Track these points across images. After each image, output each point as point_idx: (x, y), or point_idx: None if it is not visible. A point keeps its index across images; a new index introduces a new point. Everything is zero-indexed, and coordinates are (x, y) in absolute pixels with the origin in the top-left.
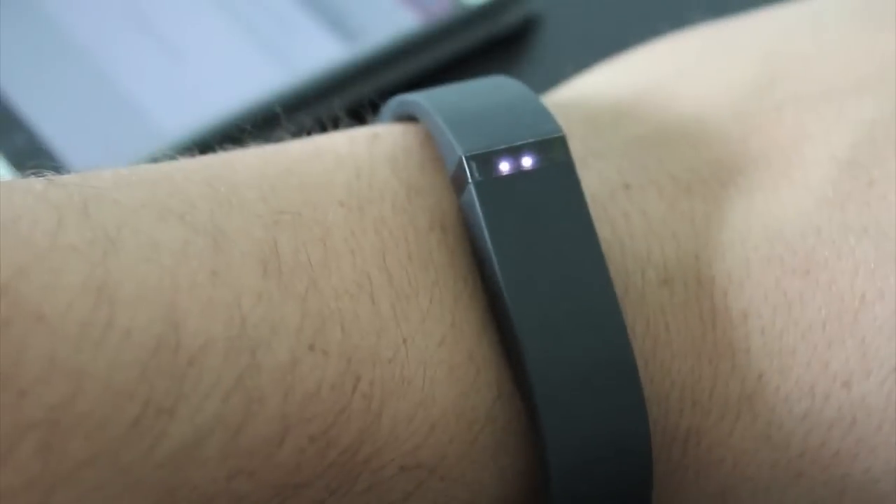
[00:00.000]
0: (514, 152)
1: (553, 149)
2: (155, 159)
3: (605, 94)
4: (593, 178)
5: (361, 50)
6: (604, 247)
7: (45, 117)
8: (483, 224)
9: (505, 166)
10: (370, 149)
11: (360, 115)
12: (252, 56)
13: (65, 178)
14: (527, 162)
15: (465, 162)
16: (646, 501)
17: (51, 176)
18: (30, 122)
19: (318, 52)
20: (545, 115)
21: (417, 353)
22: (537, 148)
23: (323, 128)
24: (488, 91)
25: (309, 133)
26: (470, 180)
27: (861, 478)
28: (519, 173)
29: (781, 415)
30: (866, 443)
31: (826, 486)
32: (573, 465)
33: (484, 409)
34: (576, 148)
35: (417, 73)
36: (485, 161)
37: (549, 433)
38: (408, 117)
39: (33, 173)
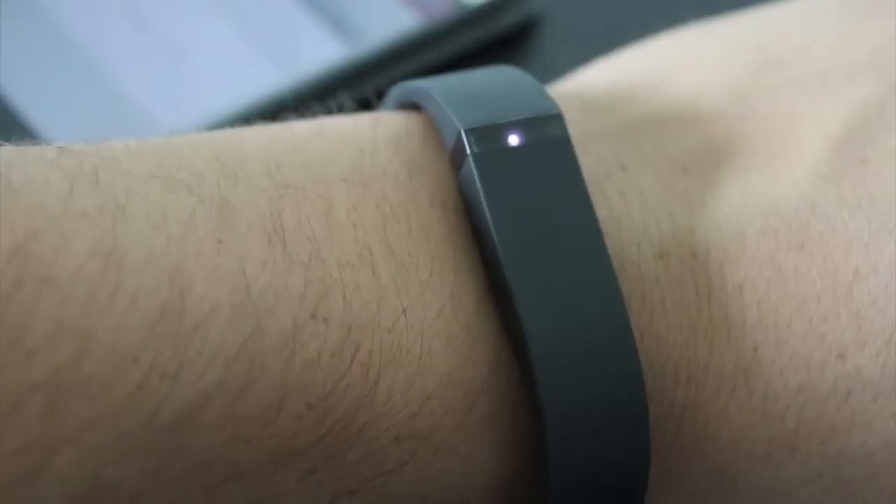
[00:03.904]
0: (512, 127)
1: (550, 125)
2: None
3: (603, 83)
4: (590, 160)
5: (361, 50)
6: (601, 224)
7: (44, 117)
8: (481, 196)
9: (503, 140)
10: (374, 130)
11: (366, 106)
12: (252, 56)
13: (76, 147)
14: (524, 137)
15: (463, 135)
16: (643, 476)
17: (61, 145)
18: (29, 122)
19: (318, 52)
20: (542, 94)
21: (416, 323)
22: (535, 124)
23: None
24: (488, 74)
25: None
26: (469, 153)
27: (857, 451)
28: (517, 147)
29: (777, 388)
30: (861, 415)
31: (822, 461)
32: (570, 437)
33: (480, 381)
34: (573, 132)
35: (417, 73)
36: (483, 134)
37: (547, 403)
38: (410, 106)
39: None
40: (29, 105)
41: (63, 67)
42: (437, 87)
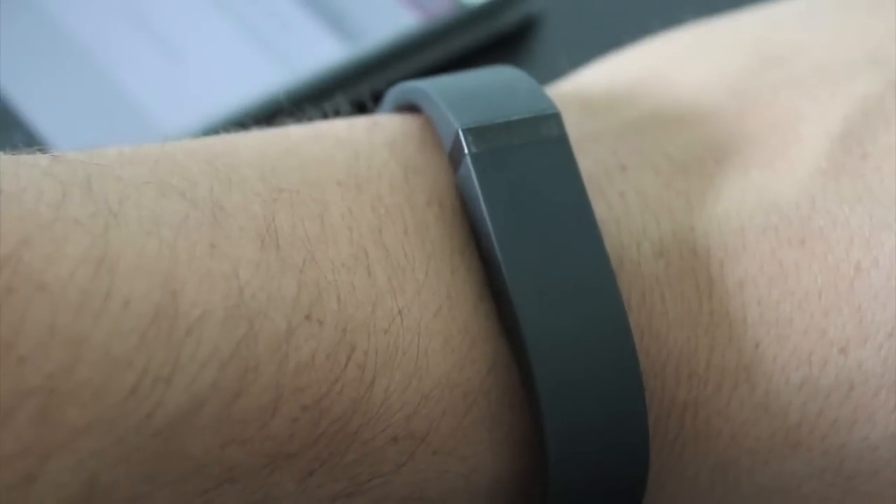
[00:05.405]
0: (510, 127)
1: (548, 124)
2: None
3: (601, 83)
4: (589, 160)
5: (361, 50)
6: (599, 224)
7: (44, 117)
8: (479, 195)
9: (501, 140)
10: (369, 133)
11: (363, 108)
12: (252, 56)
13: (69, 154)
14: (522, 136)
15: (461, 135)
16: (643, 474)
17: (55, 153)
18: (29, 122)
19: (318, 52)
20: (540, 94)
21: (412, 324)
22: (533, 123)
23: (325, 118)
24: (486, 74)
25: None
26: (466, 152)
27: (859, 446)
28: (515, 146)
29: (779, 384)
30: (864, 409)
31: (825, 456)
32: (570, 436)
33: (478, 381)
34: (572, 132)
35: (417, 73)
36: (481, 134)
37: (546, 403)
38: (408, 107)
39: (39, 149)
40: (29, 105)
41: (63, 67)
42: (435, 87)
